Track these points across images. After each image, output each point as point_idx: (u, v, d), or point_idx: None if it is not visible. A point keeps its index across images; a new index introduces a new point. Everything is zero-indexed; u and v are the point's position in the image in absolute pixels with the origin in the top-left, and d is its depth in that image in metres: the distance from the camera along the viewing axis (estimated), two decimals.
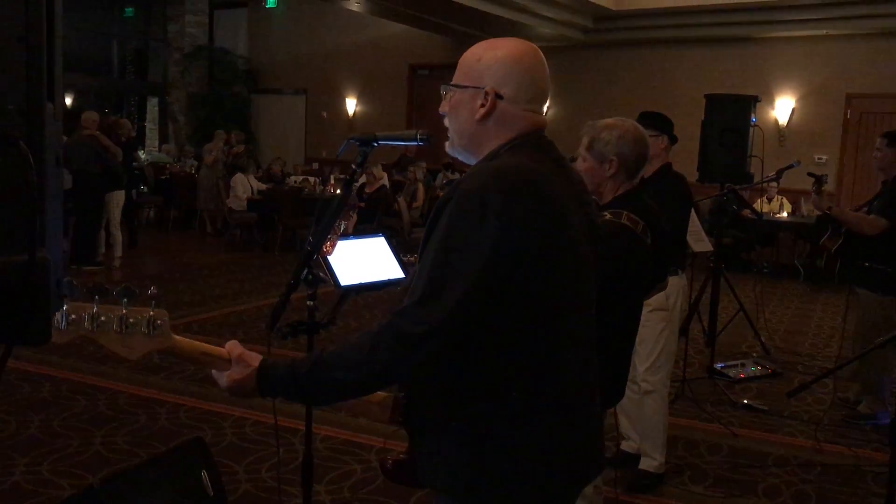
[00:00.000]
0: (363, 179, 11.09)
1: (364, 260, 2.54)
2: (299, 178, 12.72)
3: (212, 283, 8.75)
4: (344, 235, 2.32)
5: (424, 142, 1.91)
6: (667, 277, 3.22)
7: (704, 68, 12.23)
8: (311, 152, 16.33)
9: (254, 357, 1.63)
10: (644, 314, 2.91)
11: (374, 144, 2.02)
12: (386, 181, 11.57)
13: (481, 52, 1.69)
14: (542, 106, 1.72)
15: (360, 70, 15.68)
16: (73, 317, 1.51)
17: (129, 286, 1.56)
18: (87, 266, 9.00)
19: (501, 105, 1.65)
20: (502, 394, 1.56)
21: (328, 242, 2.20)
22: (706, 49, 12.37)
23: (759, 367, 5.99)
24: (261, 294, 8.24)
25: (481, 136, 1.68)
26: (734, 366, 5.96)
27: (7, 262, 0.95)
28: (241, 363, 1.62)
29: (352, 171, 2.03)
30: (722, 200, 6.09)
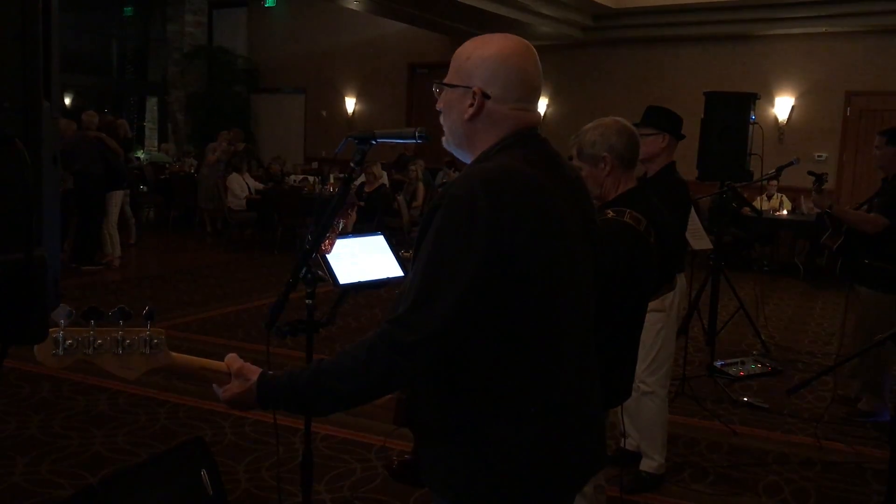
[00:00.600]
0: (362, 179, 11.09)
1: (363, 258, 2.54)
2: (298, 178, 12.71)
3: (212, 283, 8.75)
4: (343, 234, 2.32)
5: (423, 140, 1.90)
6: (675, 277, 3.20)
7: (704, 66, 12.23)
8: (310, 151, 16.34)
9: (253, 370, 1.64)
10: None
11: (373, 142, 2.01)
12: (385, 180, 11.57)
13: (470, 50, 1.68)
14: (533, 103, 1.70)
15: (359, 69, 15.69)
16: (69, 342, 1.53)
17: (123, 308, 1.57)
18: (87, 266, 9.00)
19: (489, 104, 1.64)
20: (498, 395, 1.56)
21: (327, 241, 2.20)
22: (706, 46, 12.38)
23: (759, 365, 5.98)
24: (260, 293, 8.23)
25: (472, 136, 1.68)
26: (734, 364, 5.95)
27: (4, 260, 0.94)
28: (240, 376, 1.64)
29: (350, 169, 2.03)
30: (722, 198, 6.09)
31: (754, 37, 12.02)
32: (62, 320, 1.45)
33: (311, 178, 12.49)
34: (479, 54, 1.66)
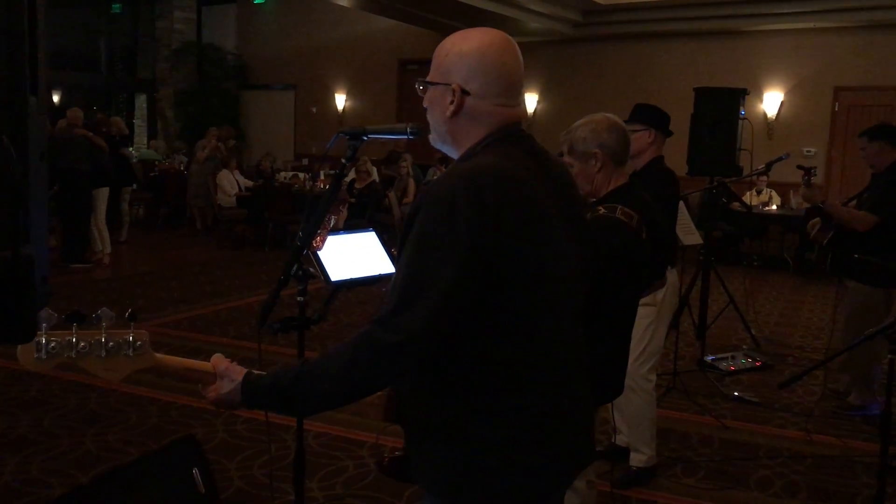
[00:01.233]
0: (353, 175, 11.08)
1: (354, 255, 2.53)
2: (289, 174, 12.69)
3: (202, 280, 8.73)
4: (334, 230, 2.31)
5: (415, 135, 1.90)
6: (665, 273, 3.21)
7: (693, 61, 12.26)
8: (300, 148, 16.31)
9: (238, 370, 1.64)
10: None
11: (364, 138, 2.00)
12: (376, 176, 11.56)
13: (449, 46, 1.66)
14: (514, 98, 1.68)
15: (349, 65, 15.66)
16: (52, 345, 1.52)
17: (106, 309, 1.57)
18: (77, 264, 8.95)
19: (469, 101, 1.63)
20: (482, 392, 1.55)
21: (318, 238, 2.20)
22: (695, 42, 12.40)
23: (750, 360, 6.01)
24: (252, 290, 8.21)
25: (455, 133, 1.67)
26: (724, 358, 5.98)
27: None
28: (225, 377, 1.64)
29: (341, 165, 2.02)
30: (711, 193, 6.11)
31: (743, 32, 12.05)
32: (43, 324, 1.45)
33: (301, 175, 12.47)
34: (458, 50, 1.64)
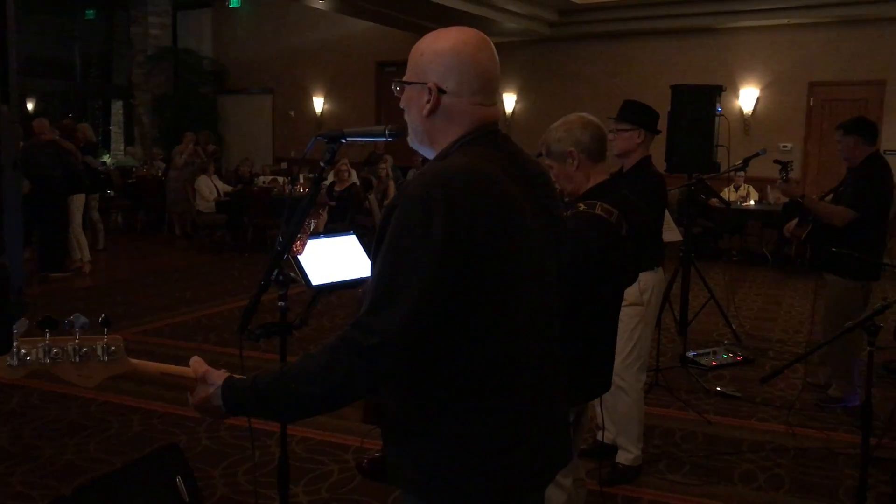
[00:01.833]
0: (332, 178, 11.04)
1: (335, 259, 2.52)
2: (268, 178, 12.64)
3: (182, 287, 8.67)
4: (314, 234, 2.30)
5: (393, 137, 1.89)
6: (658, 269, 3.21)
7: (670, 59, 12.34)
8: (279, 152, 16.25)
9: (218, 375, 1.61)
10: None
11: (343, 141, 2.00)
12: (355, 178, 11.53)
13: (425, 45, 1.66)
14: (490, 97, 1.68)
15: (326, 68, 15.62)
16: (23, 352, 1.50)
17: (79, 315, 1.55)
18: (56, 273, 8.85)
19: (445, 100, 1.63)
20: (458, 392, 1.55)
21: (298, 242, 2.19)
22: (671, 40, 12.48)
23: (731, 355, 6.05)
24: (233, 296, 8.17)
25: (432, 132, 1.67)
26: (706, 354, 6.01)
27: None
28: (204, 382, 1.61)
29: (320, 168, 2.01)
30: (690, 190, 6.14)
31: (718, 30, 12.14)
32: (14, 331, 1.42)
33: (280, 179, 12.42)
34: (433, 49, 1.64)
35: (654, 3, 11.80)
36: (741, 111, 12.04)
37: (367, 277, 2.56)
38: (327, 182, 11.22)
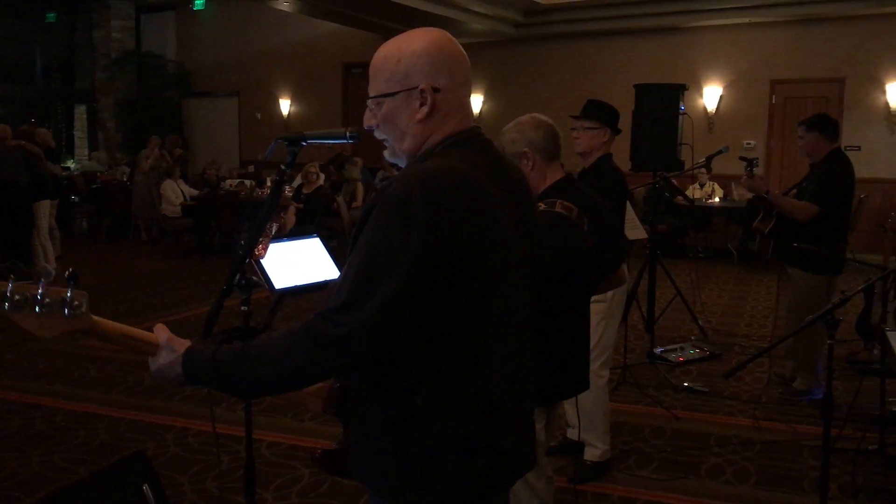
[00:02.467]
0: (300, 180, 11.00)
1: (298, 262, 2.51)
2: (235, 182, 12.54)
3: (149, 292, 8.57)
4: (277, 237, 2.29)
5: (354, 139, 1.88)
6: (622, 267, 3.21)
7: (634, 59, 12.45)
8: (245, 155, 16.13)
9: (181, 343, 1.62)
10: None
11: (303, 143, 1.99)
12: (323, 181, 11.49)
13: (396, 52, 1.62)
14: (470, 88, 1.71)
15: (292, 70, 15.54)
16: None
17: (45, 267, 1.53)
18: (20, 280, 8.68)
19: (440, 97, 1.62)
20: (430, 393, 1.55)
21: (260, 245, 2.17)
22: (635, 40, 12.59)
23: (698, 350, 6.11)
24: (199, 301, 8.10)
25: (427, 135, 1.64)
26: (674, 350, 6.07)
27: None
28: (167, 348, 1.62)
29: (280, 171, 2.00)
30: (655, 188, 6.19)
31: (681, 29, 12.27)
32: None
33: (247, 182, 12.34)
34: (411, 51, 1.61)
35: (618, 3, 11.89)
36: (705, 109, 12.17)
37: (330, 280, 2.56)
38: (295, 184, 11.18)
